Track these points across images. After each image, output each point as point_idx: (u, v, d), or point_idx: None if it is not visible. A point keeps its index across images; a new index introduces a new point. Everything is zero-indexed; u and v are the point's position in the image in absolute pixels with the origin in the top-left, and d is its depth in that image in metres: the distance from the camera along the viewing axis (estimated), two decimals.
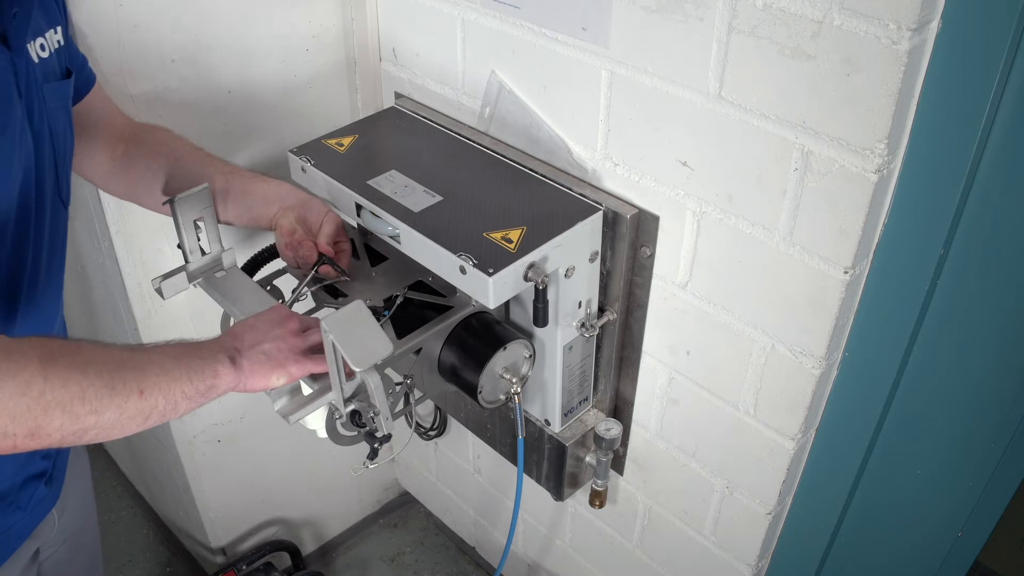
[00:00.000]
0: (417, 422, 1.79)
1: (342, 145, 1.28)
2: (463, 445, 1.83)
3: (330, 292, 1.21)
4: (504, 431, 1.41)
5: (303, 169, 1.24)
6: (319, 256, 1.14)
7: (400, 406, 1.13)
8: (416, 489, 2.17)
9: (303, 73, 1.43)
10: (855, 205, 0.91)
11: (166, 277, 1.13)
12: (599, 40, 1.07)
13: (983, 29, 0.79)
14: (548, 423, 1.32)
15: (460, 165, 1.23)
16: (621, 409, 1.35)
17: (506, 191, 1.17)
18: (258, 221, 1.17)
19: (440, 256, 1.06)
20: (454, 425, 1.81)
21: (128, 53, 1.23)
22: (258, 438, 1.75)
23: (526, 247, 1.05)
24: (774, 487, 1.18)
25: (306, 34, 1.40)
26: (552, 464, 1.36)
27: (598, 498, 1.39)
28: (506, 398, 1.20)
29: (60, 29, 0.97)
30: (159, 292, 1.13)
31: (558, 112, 1.19)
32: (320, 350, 0.95)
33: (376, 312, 1.14)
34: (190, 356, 0.87)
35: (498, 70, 1.24)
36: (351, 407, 0.99)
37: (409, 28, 1.37)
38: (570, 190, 1.16)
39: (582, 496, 1.46)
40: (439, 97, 1.38)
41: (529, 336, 1.21)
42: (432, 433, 1.82)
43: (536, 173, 1.20)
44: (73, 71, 1.01)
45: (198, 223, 1.11)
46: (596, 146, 1.15)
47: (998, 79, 0.79)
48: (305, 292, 1.18)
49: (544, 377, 1.25)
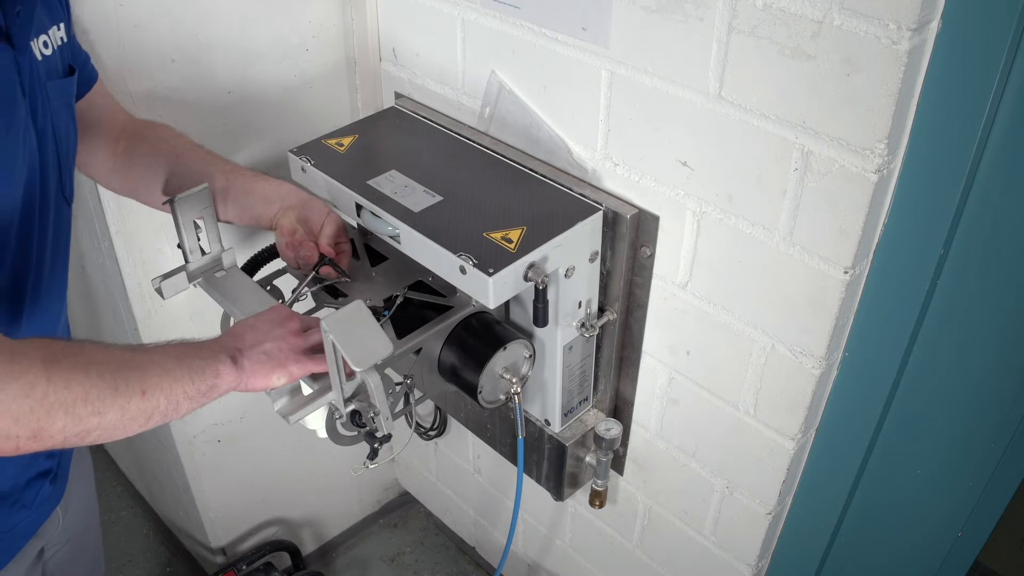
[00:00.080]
0: (417, 422, 1.79)
1: (342, 145, 1.28)
2: (463, 445, 1.83)
3: (330, 292, 1.21)
4: (504, 431, 1.41)
5: (303, 169, 1.24)
6: (320, 257, 1.14)
7: (400, 406, 1.13)
8: (416, 489, 2.17)
9: (303, 73, 1.43)
10: (855, 205, 0.91)
11: (166, 277, 1.13)
12: (599, 40, 1.07)
13: (983, 29, 0.79)
14: (548, 423, 1.32)
15: (460, 165, 1.23)
16: (621, 409, 1.35)
17: (506, 191, 1.17)
18: (259, 220, 1.17)
19: (440, 256, 1.06)
20: (454, 425, 1.81)
21: (128, 53, 1.23)
22: (258, 438, 1.75)
23: (526, 247, 1.05)
24: (774, 487, 1.18)
25: (306, 34, 1.40)
26: (552, 464, 1.36)
27: (598, 498, 1.39)
28: (506, 398, 1.20)
29: (63, 26, 0.97)
30: (159, 292, 1.13)
31: (558, 112, 1.19)
32: (321, 350, 0.95)
33: (376, 312, 1.14)
34: (191, 356, 0.87)
35: (498, 70, 1.24)
36: (351, 407, 0.99)
37: (409, 28, 1.37)
38: (570, 190, 1.16)
39: (582, 496, 1.46)
40: (439, 97, 1.38)
41: (529, 336, 1.21)
42: (432, 433, 1.82)
43: (536, 173, 1.20)
44: (76, 68, 1.00)
45: (198, 223, 1.11)
46: (596, 146, 1.15)
47: (998, 79, 0.79)
48: (305, 292, 1.18)
49: (544, 377, 1.25)
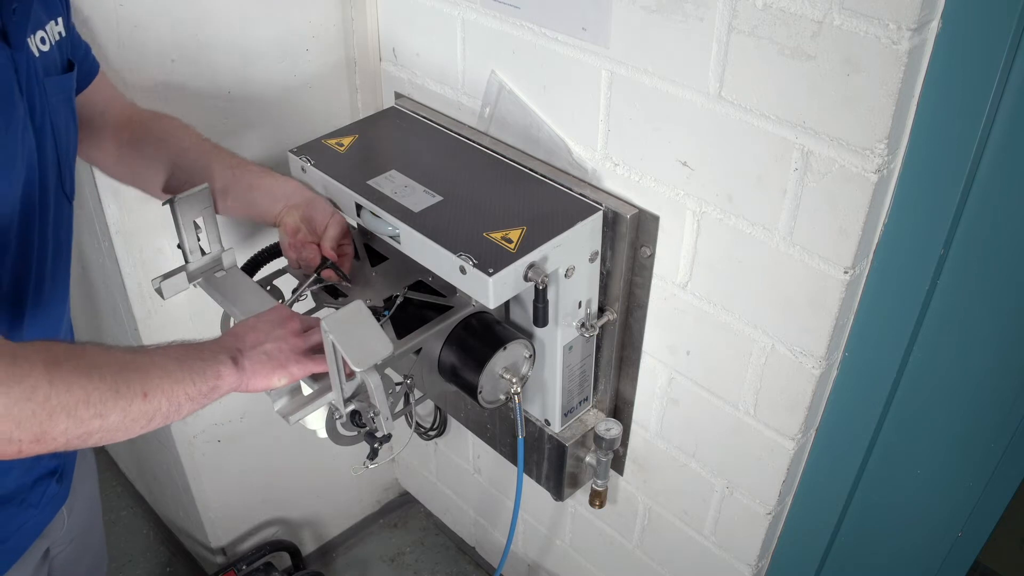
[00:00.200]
0: (417, 422, 1.79)
1: (342, 145, 1.28)
2: (463, 445, 1.83)
3: (330, 292, 1.21)
4: (504, 431, 1.41)
5: (303, 169, 1.24)
6: (323, 260, 1.14)
7: (400, 406, 1.13)
8: (416, 489, 2.17)
9: (303, 73, 1.43)
10: (855, 205, 0.91)
11: (166, 277, 1.13)
12: (599, 40, 1.07)
13: (983, 29, 0.79)
14: (548, 423, 1.32)
15: (460, 165, 1.23)
16: (621, 409, 1.35)
17: (506, 191, 1.17)
18: (263, 217, 1.17)
19: (440, 256, 1.06)
20: (454, 425, 1.81)
21: (128, 52, 1.23)
22: (258, 438, 1.75)
23: (526, 247, 1.05)
24: (774, 487, 1.18)
25: (306, 34, 1.40)
26: (552, 464, 1.36)
27: (598, 498, 1.39)
28: (506, 398, 1.20)
29: (61, 20, 0.95)
30: (159, 292, 1.13)
31: (558, 112, 1.19)
32: (321, 350, 0.95)
33: (376, 312, 1.14)
34: (192, 358, 0.87)
35: (498, 70, 1.24)
36: (351, 407, 0.99)
37: (409, 28, 1.37)
38: (570, 190, 1.16)
39: (582, 496, 1.46)
40: (439, 97, 1.38)
41: (529, 336, 1.21)
42: (432, 433, 1.82)
43: (536, 173, 1.20)
44: (75, 62, 0.99)
45: (198, 223, 1.11)
46: (596, 146, 1.15)
47: (998, 79, 0.79)
48: (305, 292, 1.18)
49: (544, 377, 1.25)
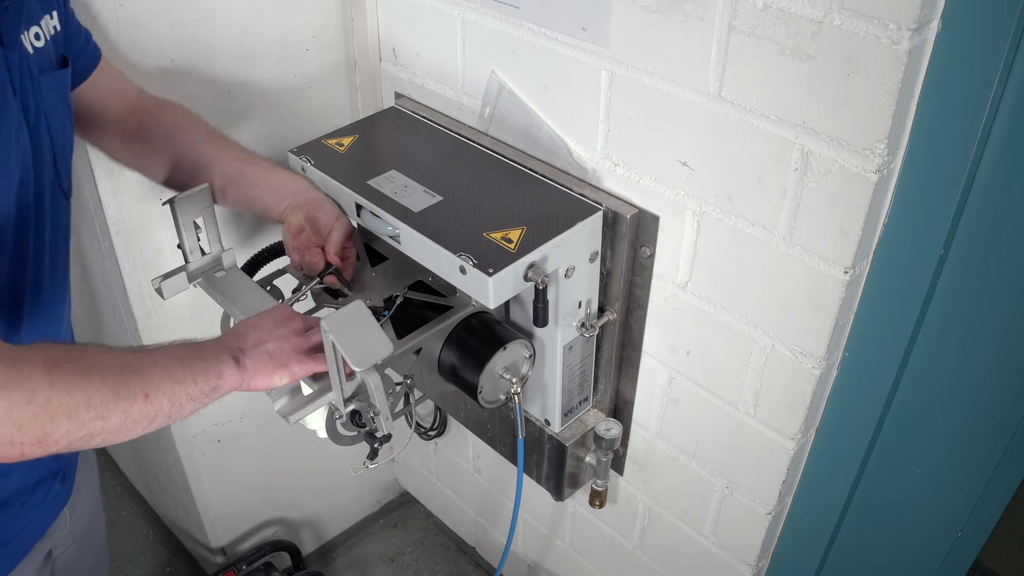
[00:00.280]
0: (417, 422, 1.79)
1: (342, 145, 1.28)
2: (463, 445, 1.83)
3: (330, 292, 1.21)
4: (504, 431, 1.41)
5: (303, 169, 1.23)
6: (326, 264, 1.13)
7: (400, 406, 1.13)
8: (416, 489, 2.17)
9: (303, 73, 1.43)
10: (855, 205, 0.91)
11: (166, 277, 1.13)
12: (599, 40, 1.06)
13: (983, 29, 0.79)
14: (548, 423, 1.32)
15: (460, 165, 1.23)
16: (621, 409, 1.35)
17: (506, 191, 1.17)
18: (267, 213, 1.16)
19: (440, 256, 1.06)
20: (454, 425, 1.81)
21: (128, 52, 1.23)
22: (258, 438, 1.75)
23: (526, 247, 1.05)
24: (774, 487, 1.18)
25: (306, 34, 1.40)
26: (552, 464, 1.36)
27: (598, 498, 1.39)
28: (506, 398, 1.20)
29: (56, 14, 0.94)
30: (159, 292, 1.13)
31: (558, 112, 1.19)
32: (323, 350, 0.95)
33: (376, 312, 1.14)
34: (193, 358, 0.87)
35: (498, 70, 1.24)
36: (351, 407, 0.99)
37: (409, 28, 1.37)
38: (570, 190, 1.16)
39: (582, 496, 1.46)
40: (439, 97, 1.38)
41: (529, 336, 1.21)
42: (432, 433, 1.82)
43: (536, 173, 1.20)
44: (70, 57, 0.97)
45: (198, 223, 1.11)
46: (596, 146, 1.15)
47: (998, 79, 0.79)
48: (305, 292, 1.17)
49: (544, 377, 1.25)
